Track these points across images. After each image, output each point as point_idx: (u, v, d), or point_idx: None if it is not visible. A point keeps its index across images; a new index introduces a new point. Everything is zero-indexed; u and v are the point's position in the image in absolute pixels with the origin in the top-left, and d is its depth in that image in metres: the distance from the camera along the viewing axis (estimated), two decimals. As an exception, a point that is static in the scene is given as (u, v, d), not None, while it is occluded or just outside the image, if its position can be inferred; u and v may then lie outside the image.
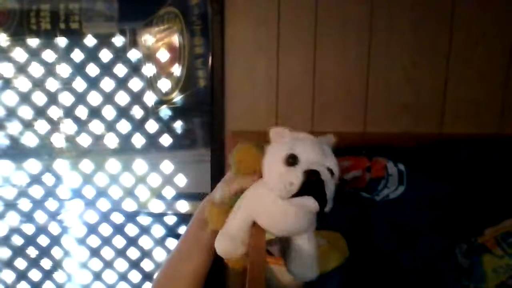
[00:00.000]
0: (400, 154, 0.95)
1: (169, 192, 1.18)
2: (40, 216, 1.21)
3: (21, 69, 1.14)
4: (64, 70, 1.14)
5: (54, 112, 1.16)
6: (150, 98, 1.15)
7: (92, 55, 1.13)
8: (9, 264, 1.23)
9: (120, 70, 1.14)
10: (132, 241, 1.23)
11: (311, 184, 0.50)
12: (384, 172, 0.91)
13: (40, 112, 1.16)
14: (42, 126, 1.17)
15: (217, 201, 0.62)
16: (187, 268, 0.68)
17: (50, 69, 1.14)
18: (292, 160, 0.53)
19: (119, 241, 1.23)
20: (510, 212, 0.84)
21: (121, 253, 1.24)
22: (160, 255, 1.23)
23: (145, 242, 1.22)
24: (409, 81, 1.06)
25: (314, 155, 0.54)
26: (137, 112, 1.16)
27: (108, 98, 1.15)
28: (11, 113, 1.16)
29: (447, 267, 0.83)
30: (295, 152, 0.53)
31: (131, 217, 1.21)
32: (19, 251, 1.23)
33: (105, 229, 1.22)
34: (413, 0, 1.03)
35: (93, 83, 1.15)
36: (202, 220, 0.67)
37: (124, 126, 1.16)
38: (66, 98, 1.15)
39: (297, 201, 0.51)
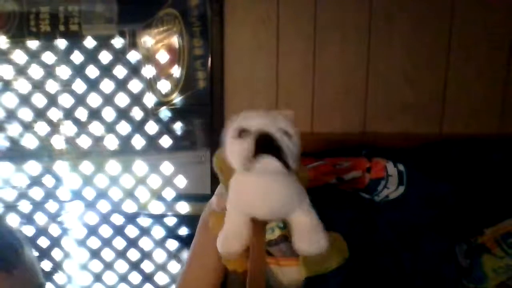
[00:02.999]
0: (400, 154, 0.95)
1: (169, 194, 1.18)
2: (40, 218, 1.21)
3: (21, 71, 1.14)
4: (63, 72, 1.14)
5: (54, 114, 1.16)
6: (149, 100, 1.15)
7: (91, 57, 1.13)
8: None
9: (120, 71, 1.14)
10: (132, 243, 1.23)
11: (264, 145, 0.50)
12: (384, 172, 0.91)
13: (40, 114, 1.16)
14: (42, 127, 1.17)
15: (216, 210, 0.62)
16: (200, 275, 0.68)
17: (50, 71, 1.14)
18: (242, 133, 0.53)
19: (119, 243, 1.23)
20: (511, 212, 0.83)
21: (121, 254, 1.24)
22: (160, 256, 1.23)
23: (145, 243, 1.22)
24: (409, 81, 1.05)
25: (263, 121, 0.53)
26: (137, 113, 1.16)
27: (108, 99, 1.15)
28: (11, 115, 1.16)
29: (448, 267, 0.83)
30: (243, 125, 0.54)
31: (131, 218, 1.21)
32: (19, 253, 1.23)
33: (105, 231, 1.22)
34: (413, 0, 1.03)
35: (92, 84, 1.15)
36: (206, 227, 0.68)
37: (124, 128, 1.16)
38: (66, 100, 1.16)
39: (257, 165, 0.51)
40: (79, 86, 1.15)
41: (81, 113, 1.16)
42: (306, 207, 0.58)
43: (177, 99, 1.13)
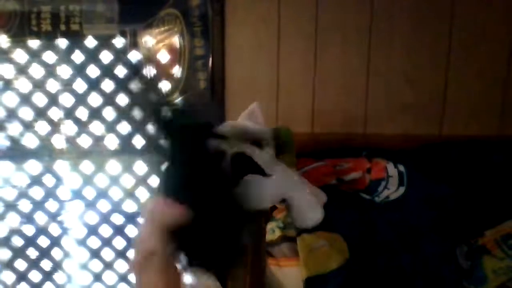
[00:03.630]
0: (400, 155, 0.95)
1: (169, 193, 1.18)
2: (40, 217, 1.21)
3: (22, 70, 1.14)
4: (64, 71, 1.14)
5: (55, 113, 1.16)
6: (150, 99, 1.14)
7: (92, 56, 1.13)
8: (9, 265, 1.23)
9: (121, 71, 1.14)
10: (132, 242, 1.23)
11: (242, 167, 0.57)
12: (384, 173, 0.91)
13: (41, 113, 1.16)
14: (42, 127, 1.17)
15: None
16: None
17: (50, 71, 1.14)
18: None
19: (119, 242, 1.23)
20: (511, 214, 0.84)
21: (121, 254, 1.24)
22: (160, 256, 1.23)
23: (146, 243, 1.22)
24: (409, 82, 1.05)
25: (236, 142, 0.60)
26: (137, 113, 1.16)
27: (109, 99, 1.15)
28: (12, 114, 1.16)
29: (448, 268, 0.83)
30: (220, 147, 0.59)
31: (131, 218, 1.21)
32: (19, 252, 1.23)
33: (105, 230, 1.22)
34: (413, 0, 1.03)
35: (93, 84, 1.15)
36: None
37: (124, 127, 1.16)
38: (67, 99, 1.16)
39: (242, 183, 0.58)
40: (79, 85, 1.15)
41: (82, 113, 1.16)
42: (295, 183, 0.68)
43: (178, 99, 1.13)
